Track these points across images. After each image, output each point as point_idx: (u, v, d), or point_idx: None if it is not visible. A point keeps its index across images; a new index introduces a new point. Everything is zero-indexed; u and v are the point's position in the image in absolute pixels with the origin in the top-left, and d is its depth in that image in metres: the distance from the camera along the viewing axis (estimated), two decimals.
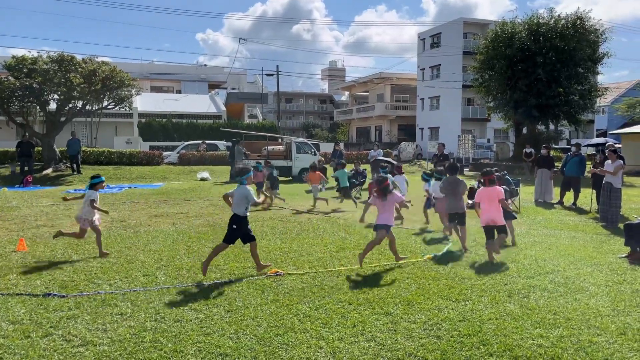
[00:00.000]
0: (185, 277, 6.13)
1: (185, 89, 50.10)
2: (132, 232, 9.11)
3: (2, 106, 21.19)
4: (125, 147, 30.45)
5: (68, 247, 7.72)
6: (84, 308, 4.97)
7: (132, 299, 5.26)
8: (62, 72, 20.83)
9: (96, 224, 7.33)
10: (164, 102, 40.56)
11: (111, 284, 5.81)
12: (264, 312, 4.89)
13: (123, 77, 22.54)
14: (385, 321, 4.68)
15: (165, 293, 5.49)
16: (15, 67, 20.75)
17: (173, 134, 34.71)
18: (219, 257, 7.11)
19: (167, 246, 7.93)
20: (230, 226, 6.30)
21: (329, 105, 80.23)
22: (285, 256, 7.28)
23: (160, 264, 6.74)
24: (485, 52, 27.94)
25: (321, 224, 10.23)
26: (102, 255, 7.12)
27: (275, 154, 21.83)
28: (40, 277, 6.05)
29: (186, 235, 8.89)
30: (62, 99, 21.63)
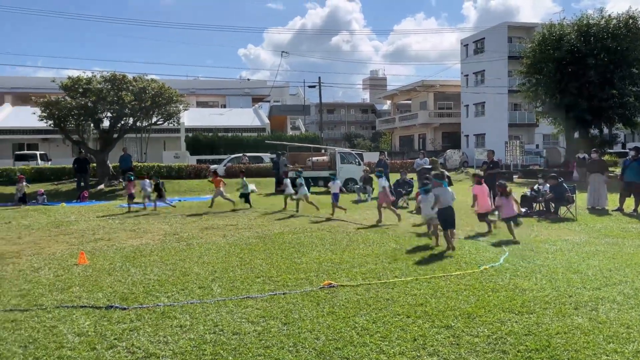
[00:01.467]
0: (240, 289, 6.16)
1: (230, 103, 51.15)
2: (185, 245, 9.28)
3: (59, 125, 22.21)
4: (173, 161, 31.30)
5: (126, 260, 7.93)
6: (145, 320, 5.06)
7: (190, 311, 5.33)
8: (115, 91, 21.68)
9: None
10: (210, 117, 41.51)
11: (169, 296, 5.91)
12: (321, 325, 4.84)
13: (171, 94, 23.22)
14: (446, 335, 4.54)
15: (221, 305, 5.53)
16: (71, 87, 21.77)
17: (219, 148, 35.41)
18: (272, 269, 7.15)
19: (219, 258, 8.02)
20: None
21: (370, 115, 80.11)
22: (336, 267, 7.22)
23: (215, 276, 6.81)
24: (532, 56, 27.20)
25: (370, 234, 10.12)
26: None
27: (319, 164, 21.90)
28: (101, 289, 6.23)
29: (237, 247, 8.98)
30: (114, 116, 22.49)
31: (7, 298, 5.90)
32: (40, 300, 5.81)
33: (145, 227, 11.67)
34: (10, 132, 37.30)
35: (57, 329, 4.84)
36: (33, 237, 10.56)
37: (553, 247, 8.49)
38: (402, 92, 56.64)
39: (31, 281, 6.69)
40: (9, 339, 4.59)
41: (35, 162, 30.98)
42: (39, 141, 37.94)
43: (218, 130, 37.57)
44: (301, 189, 14.09)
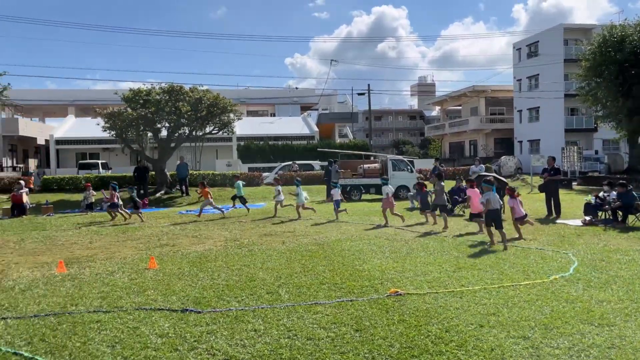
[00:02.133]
0: (307, 295, 6.25)
1: (279, 112, 51.91)
2: (247, 251, 9.49)
3: (120, 135, 23.19)
4: (225, 169, 32.03)
5: (193, 265, 8.19)
6: (220, 324, 5.23)
7: (262, 316, 5.46)
8: (172, 102, 22.45)
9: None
10: (260, 126, 42.26)
11: (239, 301, 6.07)
12: (394, 333, 4.85)
13: (226, 103, 23.82)
14: (524, 345, 4.45)
15: (291, 311, 5.63)
16: (132, 99, 22.71)
17: (270, 156, 35.98)
18: (335, 276, 7.22)
19: (282, 264, 8.16)
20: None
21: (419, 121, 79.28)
22: (400, 276, 7.20)
23: (281, 282, 6.94)
24: (592, 59, 26.23)
25: (430, 242, 10.03)
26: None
27: (370, 171, 21.85)
28: (174, 293, 6.47)
29: (298, 253, 9.10)
30: (172, 126, 23.27)
31: (89, 300, 6.23)
32: (119, 302, 6.10)
33: (206, 234, 12.01)
34: (74, 142, 39.26)
35: (140, 330, 5.07)
36: (103, 242, 11.08)
37: (625, 258, 8.15)
38: (451, 97, 55.77)
39: (108, 284, 7.03)
40: (97, 339, 4.85)
41: (97, 170, 32.48)
42: (100, 150, 39.72)
43: (269, 139, 38.21)
44: (300, 197, 15.14)
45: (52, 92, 55.48)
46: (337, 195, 14.88)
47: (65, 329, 5.15)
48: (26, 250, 10.31)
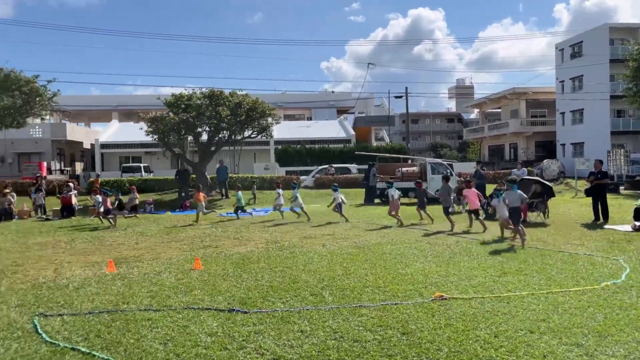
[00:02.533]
0: (351, 298, 6.27)
1: (316, 116, 52.16)
2: (288, 253, 9.58)
3: (163, 139, 23.79)
4: (263, 172, 32.42)
5: (236, 267, 8.33)
6: (266, 324, 5.30)
7: (307, 317, 5.50)
8: (213, 106, 22.89)
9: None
10: (297, 129, 42.55)
11: (284, 302, 6.14)
12: (441, 337, 4.81)
13: (264, 108, 24.11)
14: (578, 353, 4.34)
15: (336, 313, 5.66)
16: (174, 104, 23.27)
17: (307, 159, 36.17)
18: (378, 279, 7.20)
19: (324, 267, 8.19)
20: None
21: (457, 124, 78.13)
22: (445, 280, 7.12)
23: (324, 284, 6.97)
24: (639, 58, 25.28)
25: (472, 247, 9.88)
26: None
27: (409, 175, 21.69)
28: (220, 293, 6.60)
29: (339, 256, 9.12)
30: (212, 130, 23.72)
31: (140, 298, 6.42)
32: (168, 301, 6.27)
33: (247, 236, 12.18)
34: (117, 146, 40.50)
35: (189, 328, 5.20)
36: (148, 243, 11.40)
37: None
38: (491, 100, 54.71)
39: (156, 283, 7.23)
40: (149, 336, 5.00)
41: (139, 173, 33.39)
42: (142, 154, 40.81)
43: (305, 142, 38.42)
44: (296, 200, 15.64)
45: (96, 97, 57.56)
46: (339, 199, 15.32)
47: (119, 326, 5.33)
48: (77, 250, 10.71)
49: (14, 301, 6.41)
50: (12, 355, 4.60)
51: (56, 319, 5.62)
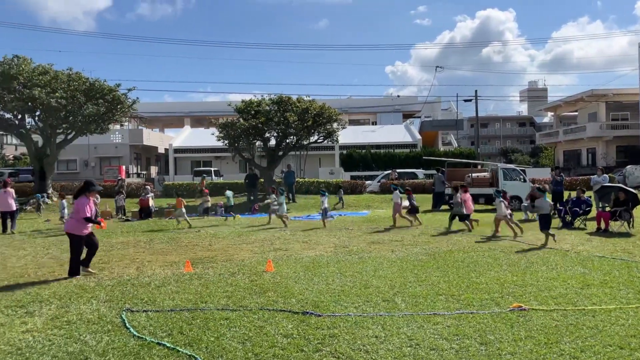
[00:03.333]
0: (424, 305, 6.18)
1: (381, 120, 51.93)
2: (357, 258, 9.59)
3: (233, 144, 24.54)
4: (328, 177, 32.61)
5: (307, 270, 8.44)
6: (340, 328, 5.33)
7: (381, 323, 5.48)
8: (281, 112, 23.37)
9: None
10: (362, 134, 42.53)
11: (356, 307, 6.15)
12: (522, 349, 4.63)
13: (331, 113, 24.31)
14: None
15: (410, 320, 5.59)
16: (244, 110, 23.97)
17: (372, 164, 36.05)
18: (452, 287, 7.05)
19: (395, 273, 8.13)
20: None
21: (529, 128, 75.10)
22: (522, 290, 6.86)
23: (395, 291, 6.92)
24: None
25: (550, 256, 9.44)
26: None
27: (479, 181, 21.08)
28: (293, 295, 6.71)
29: (409, 263, 9.01)
30: (280, 135, 24.20)
31: (217, 298, 6.65)
32: (243, 302, 6.45)
33: (315, 240, 12.31)
34: (189, 150, 42.23)
35: (266, 329, 5.33)
36: (221, 244, 11.78)
37: None
38: (566, 103, 52.09)
39: (231, 284, 7.46)
40: (228, 335, 5.18)
41: (210, 177, 34.60)
42: (213, 158, 42.31)
43: (370, 147, 38.31)
44: (282, 207, 15.74)
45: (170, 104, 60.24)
46: (324, 204, 15.85)
47: (199, 324, 5.55)
48: (155, 249, 11.26)
49: (103, 296, 6.84)
50: (104, 347, 4.91)
51: (141, 315, 5.94)
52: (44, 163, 24.64)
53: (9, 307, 6.40)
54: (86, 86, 23.94)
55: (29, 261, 10.01)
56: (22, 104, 22.75)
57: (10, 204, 15.60)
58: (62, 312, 6.14)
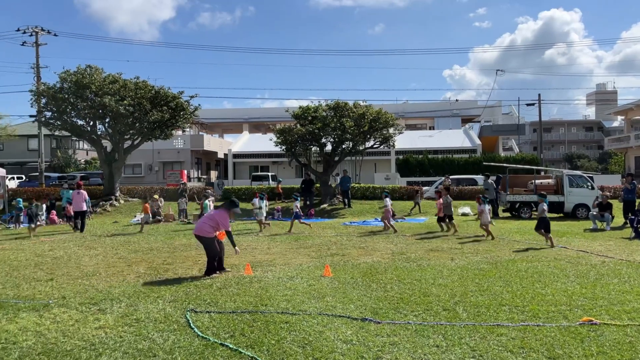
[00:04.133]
0: (486, 316, 6.00)
1: (438, 125, 51.03)
2: (415, 265, 9.46)
3: (290, 149, 24.87)
4: (384, 182, 32.39)
5: (365, 276, 8.41)
6: (400, 336, 5.28)
7: (441, 332, 5.38)
8: (337, 118, 23.45)
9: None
10: (419, 139, 41.95)
11: (415, 315, 6.07)
12: None
13: (387, 118, 24.16)
14: None
15: (472, 330, 5.46)
16: (301, 116, 24.26)
17: (429, 170, 35.47)
18: (515, 298, 6.82)
19: (454, 282, 7.95)
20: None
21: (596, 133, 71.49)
22: (592, 303, 6.53)
23: (456, 300, 6.77)
24: None
25: (622, 268, 8.94)
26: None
27: (543, 188, 20.25)
28: (351, 301, 6.71)
29: (470, 271, 8.79)
30: (336, 141, 24.28)
31: (276, 301, 6.76)
32: (302, 306, 6.52)
33: (372, 246, 12.25)
34: (247, 155, 43.17)
35: (325, 334, 5.36)
36: (279, 248, 11.96)
37: None
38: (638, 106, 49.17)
39: (290, 288, 7.55)
40: (288, 338, 5.24)
41: (267, 182, 35.21)
42: (270, 164, 43.05)
43: (428, 152, 37.71)
44: (260, 211, 16.23)
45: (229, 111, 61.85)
46: (296, 207, 16.09)
47: (260, 326, 5.66)
48: None
49: (168, 296, 7.11)
50: (170, 345, 5.10)
51: (205, 316, 6.12)
52: (112, 167, 25.94)
53: (83, 304, 6.78)
54: (152, 94, 25.02)
55: (100, 261, 10.56)
56: (94, 111, 24.08)
57: (81, 205, 16.55)
58: (131, 310, 6.43)
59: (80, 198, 16.62)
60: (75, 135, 27.99)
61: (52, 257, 11.10)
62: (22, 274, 9.18)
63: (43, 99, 24.74)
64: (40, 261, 10.60)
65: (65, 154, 49.11)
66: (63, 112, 24.50)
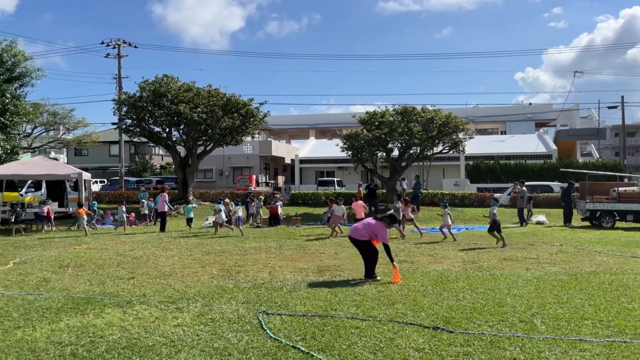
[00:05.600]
0: (567, 329, 5.70)
1: (511, 130, 49.17)
2: (488, 274, 9.15)
3: (356, 155, 24.90)
4: (453, 188, 31.63)
5: (435, 284, 8.24)
6: (474, 346, 5.12)
7: (519, 344, 5.17)
8: (405, 122, 23.22)
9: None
10: (490, 144, 40.63)
11: (490, 326, 5.86)
12: None
13: (457, 122, 23.62)
14: None
15: (551, 343, 5.20)
16: (368, 122, 24.24)
17: (501, 176, 34.25)
18: (598, 312, 6.44)
19: (531, 292, 7.61)
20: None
21: None
22: None
23: (533, 311, 6.48)
24: None
25: None
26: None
27: (628, 196, 18.98)
28: (422, 309, 6.59)
29: (547, 282, 8.39)
30: (403, 146, 24.04)
31: (346, 306, 6.77)
32: (372, 312, 6.48)
33: (442, 253, 11.98)
34: (314, 161, 43.63)
35: (396, 341, 5.30)
36: (347, 253, 11.96)
37: None
38: None
39: (359, 293, 7.54)
40: (359, 344, 5.24)
41: (333, 187, 35.41)
42: (335, 169, 43.26)
43: (499, 158, 36.43)
44: (219, 214, 17.00)
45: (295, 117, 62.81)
46: (238, 212, 17.74)
47: (331, 330, 5.69)
48: (285, 255, 11.78)
49: (241, 298, 7.31)
50: (244, 345, 5.24)
51: (276, 318, 6.24)
52: (186, 172, 27.09)
53: (162, 302, 7.12)
54: (223, 101, 25.94)
55: (176, 261, 11.04)
56: (170, 118, 25.30)
57: (163, 206, 18.31)
58: (206, 310, 6.68)
59: (162, 200, 17.91)
60: (153, 141, 29.48)
61: (133, 257, 11.74)
62: (106, 272, 9.77)
63: (124, 107, 26.32)
64: (122, 260, 11.25)
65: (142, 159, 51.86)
66: (142, 119, 25.92)
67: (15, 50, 23.93)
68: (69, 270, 9.97)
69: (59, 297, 7.56)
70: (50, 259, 11.57)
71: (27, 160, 24.21)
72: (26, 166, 20.97)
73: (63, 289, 8.20)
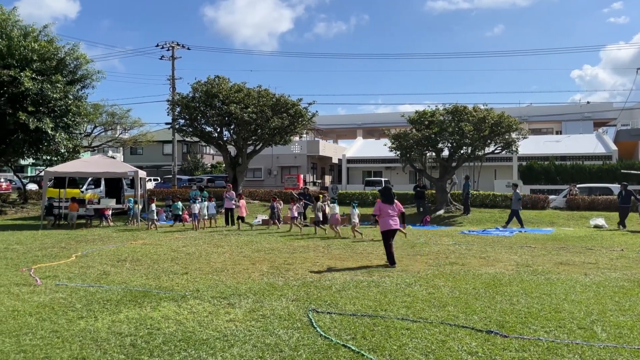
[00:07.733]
0: (630, 338, 5.44)
1: (567, 129, 47.36)
2: (543, 279, 8.85)
3: (405, 155, 24.62)
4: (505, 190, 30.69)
5: (488, 287, 8.05)
6: (530, 352, 4.97)
7: (578, 352, 4.98)
8: (455, 122, 22.77)
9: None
10: (544, 144, 39.28)
11: (547, 331, 5.68)
12: None
13: (510, 122, 22.95)
14: None
15: (613, 352, 4.98)
16: (417, 121, 23.93)
17: (556, 177, 33.02)
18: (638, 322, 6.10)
19: (590, 299, 7.31)
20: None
21: None
22: None
23: (593, 318, 6.22)
24: None
25: None
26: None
27: None
28: (475, 312, 6.46)
29: (608, 288, 8.03)
30: (454, 146, 23.58)
31: (396, 307, 6.73)
32: (423, 313, 6.41)
33: (494, 256, 11.68)
34: (361, 161, 43.51)
35: (448, 344, 5.22)
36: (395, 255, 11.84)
37: None
38: None
39: (409, 295, 7.47)
40: (410, 345, 5.19)
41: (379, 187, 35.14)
42: (383, 169, 42.98)
43: (554, 158, 35.13)
44: (152, 213, 18.50)
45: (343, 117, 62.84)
46: (195, 209, 18.56)
47: (381, 330, 5.67)
48: (333, 255, 11.82)
49: (291, 295, 7.40)
50: (295, 342, 5.30)
51: (326, 316, 6.28)
52: (236, 171, 27.63)
53: (215, 298, 7.30)
54: (273, 102, 26.28)
55: (227, 258, 11.30)
56: (221, 118, 25.89)
57: (230, 203, 19.92)
58: (257, 306, 6.80)
59: (228, 196, 19.90)
60: (204, 140, 30.23)
61: (186, 253, 12.10)
62: (161, 267, 10.12)
63: (177, 107, 27.14)
64: (176, 256, 11.61)
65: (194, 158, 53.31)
66: (194, 119, 26.64)
67: (77, 54, 25.12)
68: (126, 264, 10.39)
69: (118, 289, 7.90)
70: (109, 253, 12.10)
71: (88, 159, 25.36)
72: (87, 164, 21.97)
73: (122, 282, 8.56)
